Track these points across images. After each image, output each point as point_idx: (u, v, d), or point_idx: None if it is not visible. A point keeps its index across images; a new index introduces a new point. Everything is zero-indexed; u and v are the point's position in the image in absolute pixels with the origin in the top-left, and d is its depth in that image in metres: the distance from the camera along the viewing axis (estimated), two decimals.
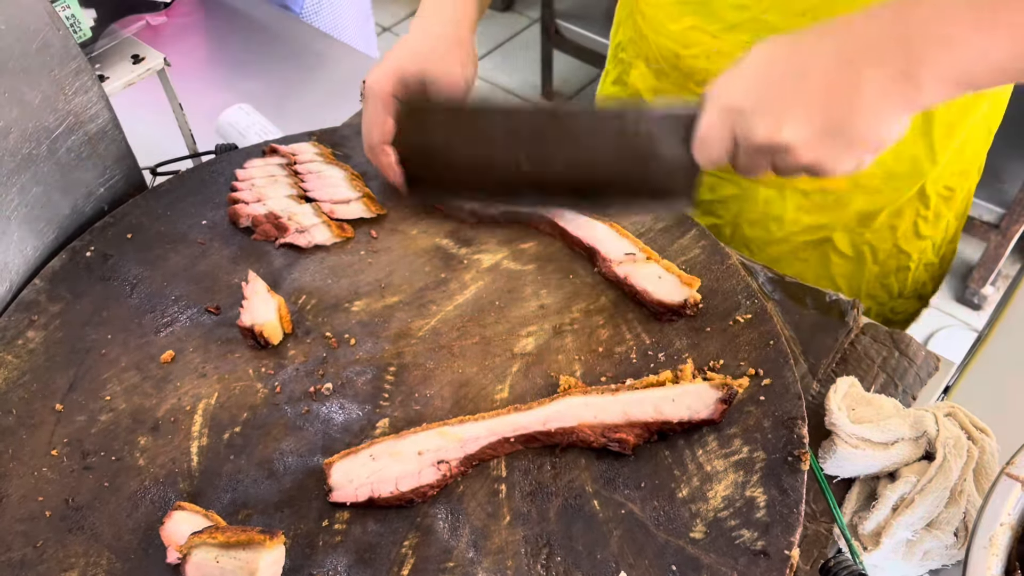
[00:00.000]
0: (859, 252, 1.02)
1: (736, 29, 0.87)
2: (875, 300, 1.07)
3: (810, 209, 0.99)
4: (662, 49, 0.97)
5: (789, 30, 0.81)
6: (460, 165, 0.78)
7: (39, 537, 0.65)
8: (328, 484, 0.67)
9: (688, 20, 0.91)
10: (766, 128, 0.62)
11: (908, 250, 1.03)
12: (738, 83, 0.65)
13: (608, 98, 1.16)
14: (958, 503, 0.68)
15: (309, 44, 1.36)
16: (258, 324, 0.77)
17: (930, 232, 1.03)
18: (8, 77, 0.77)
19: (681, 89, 0.98)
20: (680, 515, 0.65)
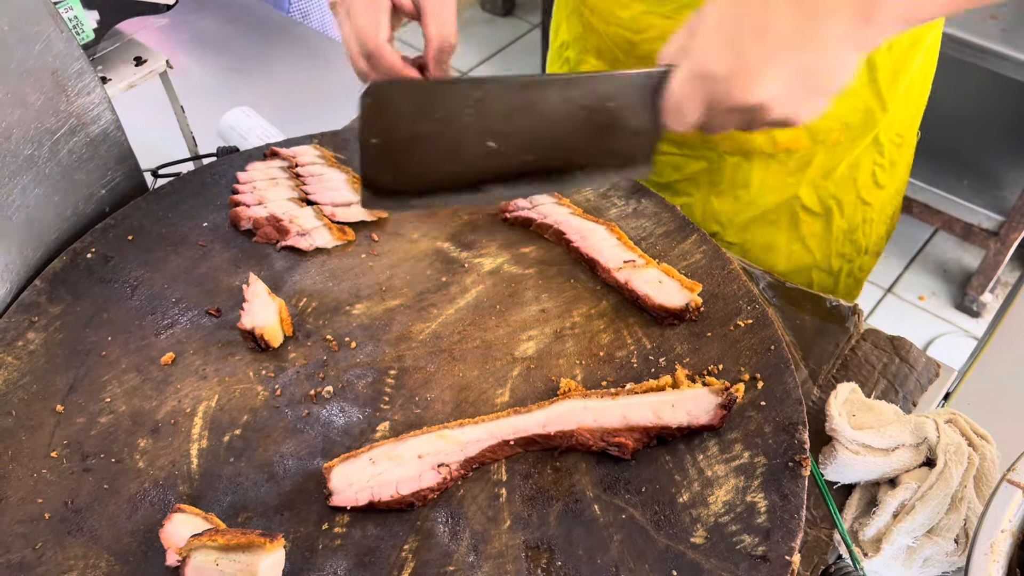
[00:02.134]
0: (826, 207, 1.05)
1: (689, 7, 0.88)
2: (845, 258, 1.10)
3: (776, 170, 1.01)
4: (614, 38, 0.97)
5: None
6: (427, 151, 0.72)
7: (38, 539, 0.65)
8: (328, 488, 0.66)
9: (638, 6, 0.92)
10: (740, 90, 0.63)
11: (870, 200, 1.06)
12: (704, 44, 0.64)
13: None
14: (959, 510, 0.68)
15: (311, 47, 1.36)
16: (259, 327, 0.77)
17: (887, 180, 1.06)
18: (10, 78, 0.77)
19: None
20: (681, 520, 0.65)
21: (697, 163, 1.03)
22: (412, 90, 0.72)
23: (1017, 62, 1.88)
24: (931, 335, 2.33)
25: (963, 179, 2.25)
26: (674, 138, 1.02)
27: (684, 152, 1.03)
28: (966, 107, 2.25)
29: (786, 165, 1.00)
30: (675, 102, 0.67)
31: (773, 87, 0.63)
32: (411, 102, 0.71)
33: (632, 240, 0.85)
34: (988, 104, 2.21)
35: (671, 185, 1.07)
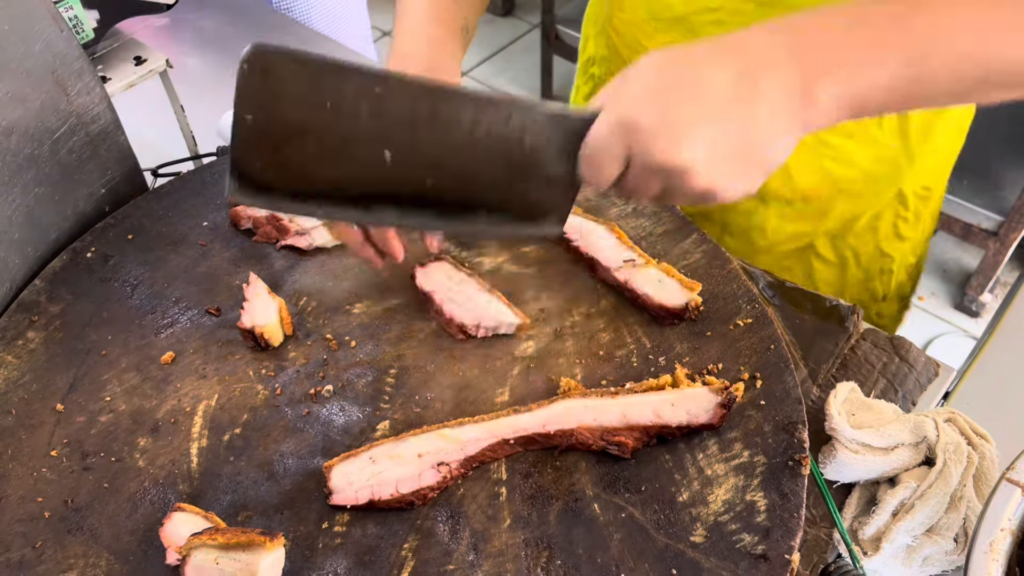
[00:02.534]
0: (842, 257, 1.02)
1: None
2: (861, 305, 1.07)
3: (793, 217, 0.99)
4: None
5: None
6: (310, 144, 0.61)
7: (38, 538, 0.65)
8: (328, 487, 0.66)
9: (664, 38, 0.90)
10: (663, 149, 0.57)
11: (890, 252, 1.03)
12: (633, 94, 0.58)
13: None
14: (958, 509, 0.68)
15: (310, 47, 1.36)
16: (259, 326, 0.77)
17: (910, 233, 1.03)
18: (11, 78, 0.77)
19: None
20: (680, 519, 0.65)
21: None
22: (302, 65, 0.59)
23: None
24: (931, 335, 2.33)
25: (962, 179, 2.25)
26: None
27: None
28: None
29: (803, 213, 0.97)
30: (595, 150, 0.60)
31: (699, 150, 0.57)
32: (299, 81, 0.59)
33: (632, 239, 0.85)
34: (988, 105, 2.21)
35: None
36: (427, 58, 0.78)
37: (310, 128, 0.60)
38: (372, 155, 0.61)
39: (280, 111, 0.59)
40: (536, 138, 0.62)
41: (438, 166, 0.63)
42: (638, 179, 0.60)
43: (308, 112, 0.59)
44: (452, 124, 0.61)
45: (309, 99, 0.59)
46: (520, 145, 0.62)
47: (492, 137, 0.62)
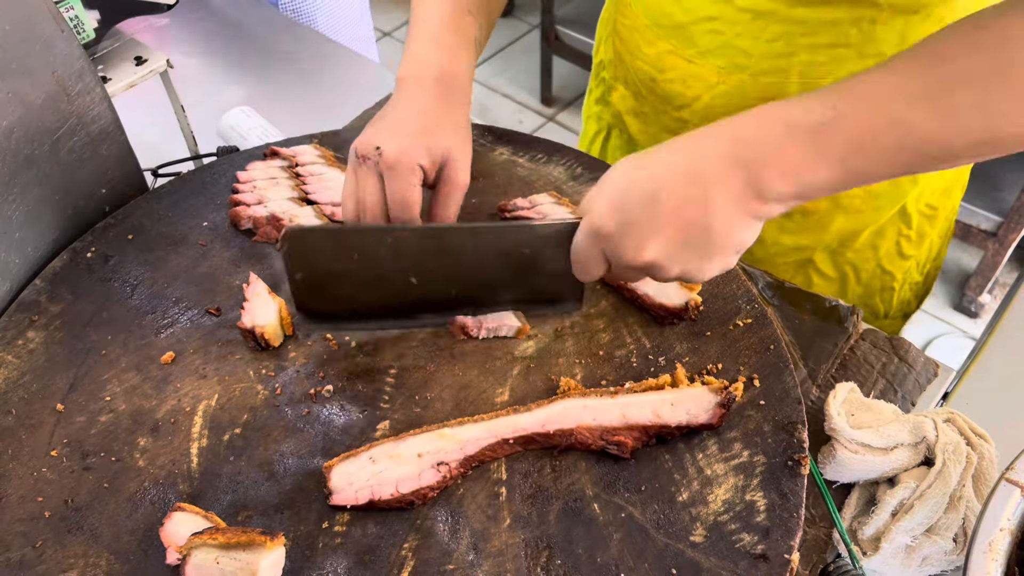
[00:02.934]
0: (842, 273, 1.02)
1: (711, 54, 0.87)
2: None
3: (792, 230, 0.98)
4: (639, 72, 0.96)
5: (761, 56, 0.83)
6: (351, 286, 0.75)
7: (38, 537, 0.65)
8: (328, 487, 0.67)
9: (664, 44, 0.91)
10: (630, 251, 0.65)
11: (891, 270, 1.03)
12: (601, 205, 0.66)
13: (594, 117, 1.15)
14: (957, 509, 0.68)
15: (311, 47, 1.37)
16: (259, 326, 0.77)
17: (913, 252, 1.02)
18: (11, 77, 0.77)
19: (659, 113, 0.97)
20: (680, 519, 0.65)
21: None
22: (327, 235, 0.76)
23: None
24: (930, 335, 2.34)
25: None
26: None
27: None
28: None
29: (802, 226, 0.98)
30: (577, 255, 0.69)
31: (662, 250, 0.64)
32: (328, 245, 0.74)
33: None
34: None
35: None
36: (440, 66, 0.79)
37: (346, 273, 0.74)
38: (401, 282, 0.75)
39: (320, 266, 0.74)
40: (533, 249, 0.73)
41: (457, 280, 0.76)
42: (621, 272, 0.69)
43: (341, 263, 0.74)
44: (458, 251, 0.74)
45: (339, 255, 0.74)
46: (521, 256, 0.73)
47: (496, 254, 0.74)
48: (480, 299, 0.78)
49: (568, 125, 3.00)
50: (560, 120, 3.02)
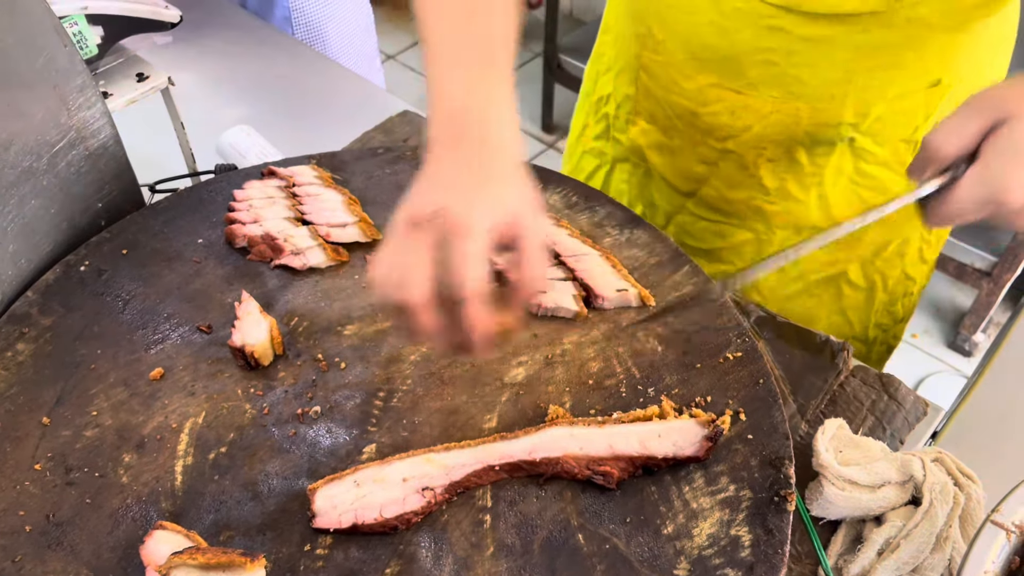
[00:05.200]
0: (871, 282, 1.04)
1: (763, 84, 0.87)
2: (881, 328, 1.09)
3: (828, 247, 0.97)
4: (675, 107, 0.95)
5: (819, 84, 0.85)
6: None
7: (18, 552, 0.65)
8: (312, 510, 0.66)
9: (706, 78, 0.90)
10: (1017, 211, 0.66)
11: (914, 275, 1.05)
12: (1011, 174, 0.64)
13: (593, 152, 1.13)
14: (943, 549, 0.68)
15: (312, 69, 1.38)
16: (249, 344, 0.77)
17: (931, 255, 1.06)
18: (13, 90, 0.78)
19: (696, 145, 0.97)
20: (664, 552, 0.65)
21: (744, 233, 1.02)
22: None
23: None
24: (923, 373, 2.34)
25: None
26: (721, 208, 1.01)
27: (731, 222, 1.02)
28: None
29: (838, 242, 0.96)
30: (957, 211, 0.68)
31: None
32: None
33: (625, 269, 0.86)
34: None
35: (713, 252, 1.05)
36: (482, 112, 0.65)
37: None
38: None
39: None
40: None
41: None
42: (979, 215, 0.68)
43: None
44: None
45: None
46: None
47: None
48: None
49: None
50: (560, 147, 3.04)
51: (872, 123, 0.89)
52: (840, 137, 0.89)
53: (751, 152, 0.92)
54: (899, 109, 0.88)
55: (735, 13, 0.85)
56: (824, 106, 0.87)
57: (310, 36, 1.58)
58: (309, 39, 1.58)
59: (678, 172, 1.01)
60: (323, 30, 1.60)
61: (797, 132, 0.88)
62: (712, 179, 0.99)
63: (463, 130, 0.64)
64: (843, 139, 0.90)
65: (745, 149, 0.93)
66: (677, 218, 1.07)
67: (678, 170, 1.01)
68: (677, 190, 1.04)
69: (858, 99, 0.86)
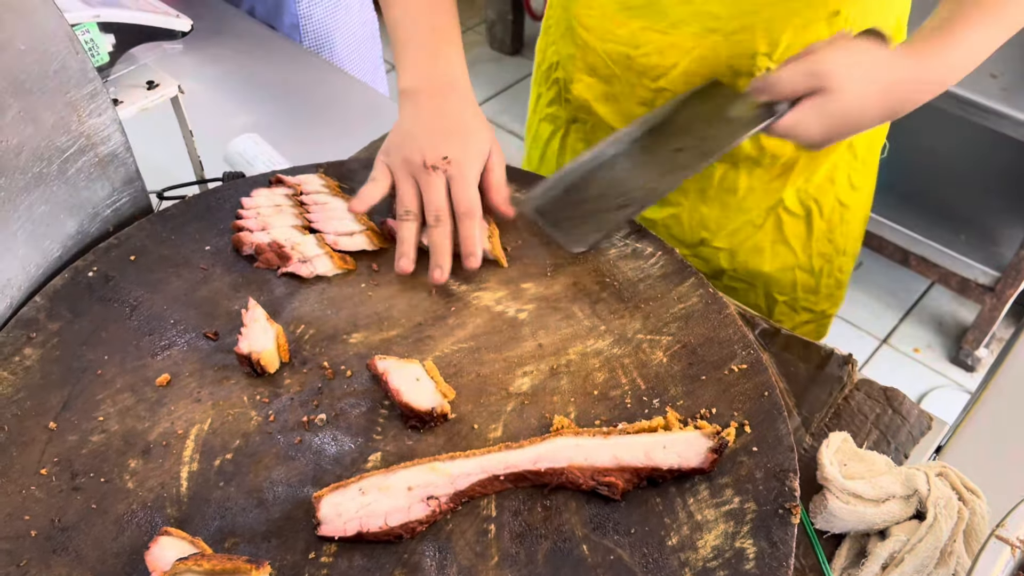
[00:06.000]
0: (807, 209, 1.10)
1: (683, 23, 0.96)
2: (825, 258, 1.15)
3: (762, 176, 1.07)
4: (611, 54, 1.04)
5: (729, 17, 0.95)
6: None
7: (23, 556, 0.65)
8: (316, 517, 0.66)
9: (635, 23, 0.99)
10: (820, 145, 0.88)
11: (847, 202, 1.12)
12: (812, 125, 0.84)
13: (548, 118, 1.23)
14: (947, 564, 0.68)
15: (320, 77, 1.38)
16: (256, 352, 0.77)
17: (861, 182, 1.12)
18: (25, 97, 0.78)
19: (634, 87, 1.05)
20: (669, 563, 0.65)
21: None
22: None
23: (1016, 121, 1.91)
24: (926, 387, 2.34)
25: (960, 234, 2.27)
26: None
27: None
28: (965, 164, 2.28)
29: (770, 171, 1.07)
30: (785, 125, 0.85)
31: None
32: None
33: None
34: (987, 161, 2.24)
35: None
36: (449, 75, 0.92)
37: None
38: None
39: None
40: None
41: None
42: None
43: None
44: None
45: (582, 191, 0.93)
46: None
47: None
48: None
49: None
50: None
51: (783, 51, 0.96)
52: (757, 68, 0.97)
53: (681, 87, 1.00)
54: (804, 39, 0.95)
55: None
56: (738, 38, 0.96)
57: (318, 44, 1.59)
58: (317, 47, 1.58)
59: (622, 117, 1.08)
60: (331, 38, 1.61)
61: (718, 65, 0.98)
62: None
63: (436, 87, 0.90)
64: (760, 69, 0.97)
65: (676, 85, 1.00)
66: None
67: (622, 115, 1.08)
68: None
69: (767, 29, 0.95)
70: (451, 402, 0.75)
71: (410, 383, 0.75)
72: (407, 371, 0.76)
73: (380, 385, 0.77)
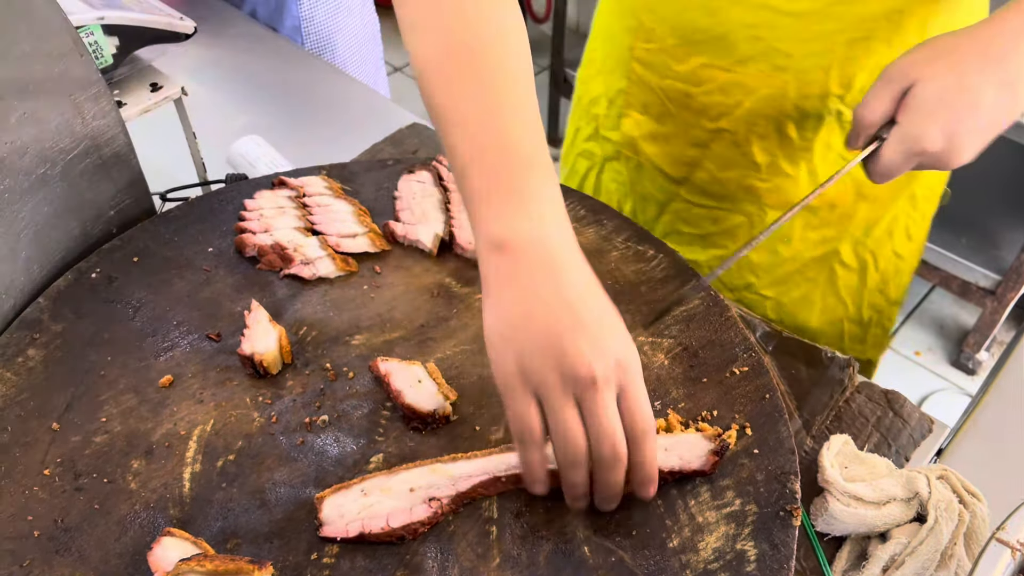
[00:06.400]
0: (862, 262, 1.06)
1: (751, 61, 0.91)
2: (875, 309, 1.10)
3: (818, 225, 1.02)
4: (668, 91, 0.99)
5: (802, 56, 0.90)
6: None
7: (26, 556, 0.65)
8: (319, 519, 0.66)
9: (697, 59, 0.94)
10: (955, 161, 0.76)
11: (903, 253, 1.07)
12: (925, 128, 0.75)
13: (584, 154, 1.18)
14: (948, 567, 0.68)
15: (322, 79, 1.39)
16: (258, 353, 0.77)
17: (918, 233, 1.08)
18: (29, 98, 0.79)
19: (689, 128, 1.00)
20: (670, 565, 0.65)
21: (737, 217, 1.04)
22: None
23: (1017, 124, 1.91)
24: (926, 391, 2.34)
25: (961, 237, 2.27)
26: (714, 191, 1.04)
27: (724, 205, 1.04)
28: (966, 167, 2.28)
29: (827, 220, 1.01)
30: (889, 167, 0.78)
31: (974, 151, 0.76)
32: None
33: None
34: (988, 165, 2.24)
35: (708, 237, 1.07)
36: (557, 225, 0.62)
37: None
38: None
39: None
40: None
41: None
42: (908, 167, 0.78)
43: None
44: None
45: None
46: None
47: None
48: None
49: None
50: None
51: (856, 94, 0.91)
52: (828, 110, 0.93)
53: (743, 128, 0.96)
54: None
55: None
56: (810, 78, 0.90)
57: (320, 46, 1.59)
58: (319, 49, 1.59)
59: (671, 159, 1.04)
60: (333, 40, 1.61)
61: (786, 106, 0.93)
62: (705, 161, 1.02)
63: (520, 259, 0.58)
64: (831, 112, 0.93)
65: (737, 126, 0.96)
66: (671, 206, 1.09)
67: (671, 157, 1.04)
68: (670, 178, 1.07)
69: (841, 70, 0.90)
70: (453, 404, 0.76)
71: (412, 385, 0.75)
72: (409, 373, 0.76)
73: (382, 387, 0.77)
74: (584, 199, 0.97)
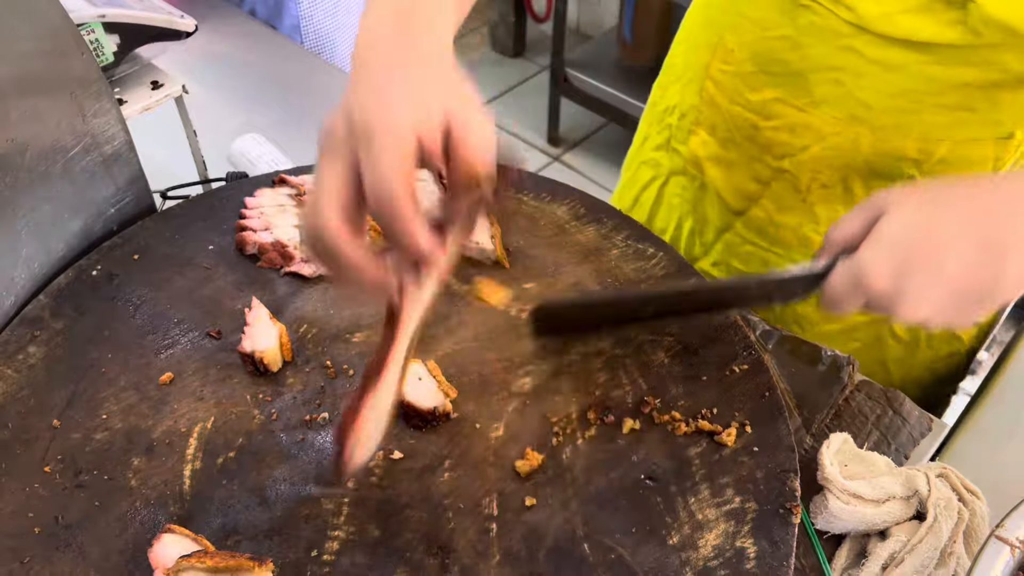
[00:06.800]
0: (915, 336, 1.00)
1: (827, 104, 0.85)
2: (920, 386, 1.04)
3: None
4: (736, 119, 0.94)
5: (883, 110, 0.82)
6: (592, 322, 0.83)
7: (27, 553, 0.65)
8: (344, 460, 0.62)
9: (772, 91, 0.89)
10: (904, 312, 0.63)
11: (960, 334, 1.02)
12: (879, 264, 0.63)
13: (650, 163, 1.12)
14: (947, 565, 0.68)
15: (322, 78, 1.39)
16: (259, 350, 0.77)
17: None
18: (30, 96, 0.79)
19: (752, 161, 0.95)
20: (670, 563, 0.65)
21: (786, 264, 0.99)
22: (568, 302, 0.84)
23: None
24: None
25: None
26: (769, 232, 1.00)
27: (776, 250, 1.00)
28: None
29: None
30: (834, 298, 0.66)
31: (933, 309, 0.63)
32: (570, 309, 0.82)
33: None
34: None
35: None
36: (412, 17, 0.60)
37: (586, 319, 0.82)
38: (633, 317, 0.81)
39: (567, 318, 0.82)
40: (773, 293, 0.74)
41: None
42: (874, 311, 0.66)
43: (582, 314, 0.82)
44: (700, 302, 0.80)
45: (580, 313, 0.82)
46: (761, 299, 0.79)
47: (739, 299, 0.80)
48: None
49: (573, 165, 3.03)
50: (565, 160, 3.06)
51: (935, 165, 0.84)
52: (901, 174, 0.86)
53: (806, 174, 0.90)
54: (965, 155, 0.84)
55: (810, 28, 0.83)
56: (887, 135, 0.84)
57: (319, 45, 1.60)
58: (318, 48, 1.59)
59: (732, 187, 0.99)
60: (332, 39, 1.61)
61: (856, 159, 0.86)
62: (764, 199, 0.97)
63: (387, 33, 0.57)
64: (904, 176, 0.86)
65: (800, 170, 0.90)
66: (725, 236, 1.05)
67: (732, 185, 0.99)
68: (729, 207, 1.02)
69: (923, 135, 0.83)
70: (453, 401, 0.76)
71: (412, 382, 0.75)
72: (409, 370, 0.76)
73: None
74: (584, 198, 0.97)
